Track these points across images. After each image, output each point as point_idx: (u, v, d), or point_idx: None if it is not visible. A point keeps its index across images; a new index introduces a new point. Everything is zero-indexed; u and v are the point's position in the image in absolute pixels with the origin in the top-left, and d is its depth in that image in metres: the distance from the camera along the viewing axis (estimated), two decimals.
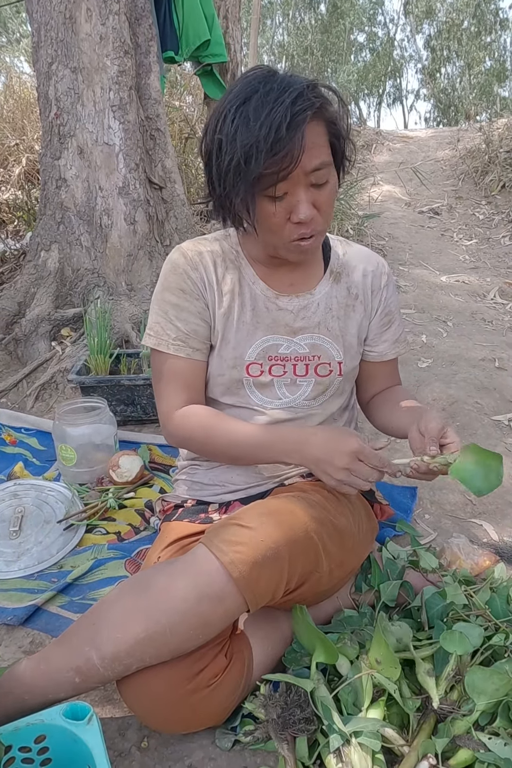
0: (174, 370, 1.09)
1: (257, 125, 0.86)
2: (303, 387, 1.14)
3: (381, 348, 1.20)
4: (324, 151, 0.93)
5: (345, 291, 1.15)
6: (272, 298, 1.11)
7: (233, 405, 1.14)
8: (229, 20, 4.06)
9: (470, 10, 21.28)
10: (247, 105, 0.88)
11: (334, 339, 1.13)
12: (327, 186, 0.95)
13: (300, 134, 0.86)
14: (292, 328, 1.11)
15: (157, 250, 2.83)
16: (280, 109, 0.85)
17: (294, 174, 0.89)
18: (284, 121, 0.85)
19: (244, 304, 1.10)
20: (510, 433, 2.05)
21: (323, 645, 0.94)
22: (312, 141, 0.89)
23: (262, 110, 0.86)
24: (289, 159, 0.87)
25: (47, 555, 1.42)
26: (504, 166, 5.31)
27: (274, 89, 0.87)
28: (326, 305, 1.13)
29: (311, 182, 0.93)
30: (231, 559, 0.86)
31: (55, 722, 0.82)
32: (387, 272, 1.20)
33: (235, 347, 1.10)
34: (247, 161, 0.88)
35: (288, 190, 0.92)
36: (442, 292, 3.51)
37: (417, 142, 7.08)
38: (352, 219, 4.26)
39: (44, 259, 2.74)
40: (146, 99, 2.84)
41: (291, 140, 0.86)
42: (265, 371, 1.11)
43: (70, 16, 2.54)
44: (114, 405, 2.05)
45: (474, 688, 0.90)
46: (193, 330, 1.08)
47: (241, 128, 0.88)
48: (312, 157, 0.90)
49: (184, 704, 0.88)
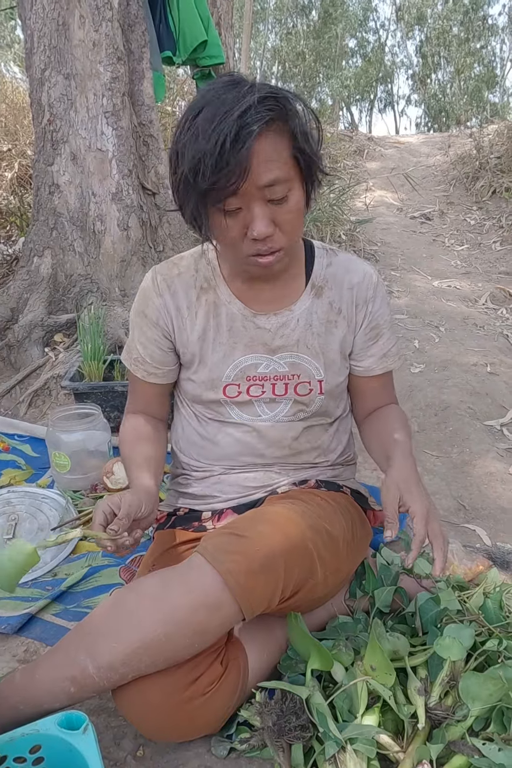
0: (134, 384, 1.19)
1: (205, 139, 0.84)
2: (282, 404, 1.12)
3: (367, 363, 1.15)
4: (282, 166, 0.88)
5: (327, 306, 1.10)
6: (250, 316, 1.08)
7: (213, 419, 1.14)
8: (222, 27, 4.08)
9: (458, 17, 21.48)
10: (200, 116, 0.86)
11: (314, 357, 1.10)
12: (287, 202, 0.90)
13: (246, 149, 0.82)
14: (271, 346, 1.08)
15: (151, 256, 2.83)
16: (227, 122, 0.82)
17: (245, 189, 0.86)
18: (229, 135, 0.81)
19: (220, 325, 1.08)
20: (503, 438, 2.07)
21: (318, 652, 0.94)
22: (266, 154, 0.85)
23: (211, 123, 0.83)
24: (236, 175, 0.84)
25: (41, 563, 1.41)
26: (495, 172, 5.37)
27: (228, 101, 0.84)
28: (306, 321, 1.09)
29: (267, 197, 0.88)
30: (227, 569, 0.86)
31: (50, 732, 0.81)
32: (375, 284, 1.13)
33: (211, 369, 1.09)
34: (194, 176, 0.86)
35: (242, 205, 0.89)
36: (434, 297, 3.54)
37: (409, 148, 7.14)
38: (345, 224, 4.29)
39: (37, 264, 2.74)
40: (139, 105, 2.85)
41: (235, 156, 0.82)
42: (243, 392, 1.09)
43: (63, 22, 2.54)
44: (108, 411, 2.04)
45: (469, 694, 0.91)
46: (149, 355, 1.12)
47: (191, 141, 0.86)
48: (264, 172, 0.86)
49: (180, 712, 0.88)
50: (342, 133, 7.48)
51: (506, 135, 5.73)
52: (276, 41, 23.63)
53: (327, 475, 1.21)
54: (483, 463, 1.90)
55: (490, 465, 1.90)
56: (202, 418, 1.16)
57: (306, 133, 0.91)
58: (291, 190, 0.91)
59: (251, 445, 1.14)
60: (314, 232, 3.86)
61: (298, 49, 22.64)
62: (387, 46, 25.47)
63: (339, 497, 1.16)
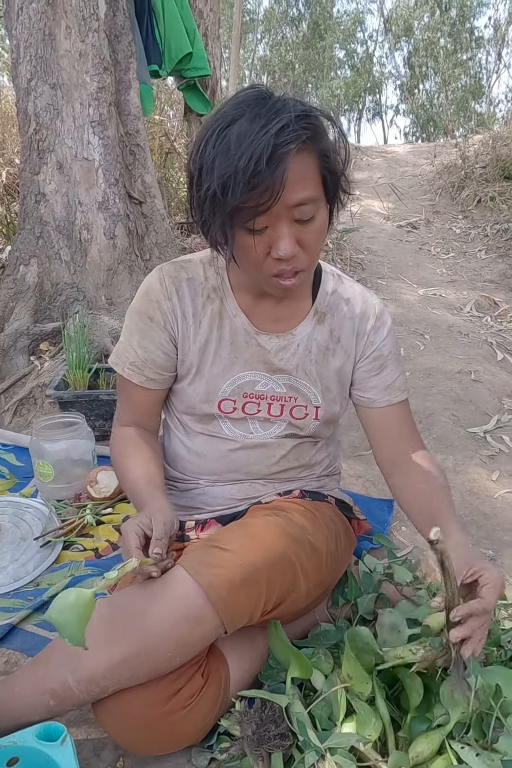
0: (127, 391, 1.11)
1: (237, 155, 0.80)
2: (275, 425, 1.11)
3: (370, 394, 1.11)
4: (312, 185, 0.86)
5: (327, 333, 1.08)
6: (252, 333, 1.06)
7: (203, 433, 1.12)
8: (209, 37, 4.11)
9: (446, 29, 21.80)
10: (230, 130, 0.82)
11: (312, 383, 1.09)
12: (313, 222, 0.88)
13: (282, 168, 0.79)
14: (271, 366, 1.07)
15: (137, 265, 2.84)
16: (263, 139, 0.78)
17: (275, 208, 0.83)
18: (265, 153, 0.78)
19: (223, 338, 1.06)
20: (486, 445, 2.09)
21: (297, 660, 0.94)
22: (297, 174, 0.82)
23: (244, 138, 0.80)
24: (269, 194, 0.81)
25: (23, 573, 1.40)
26: (480, 181, 5.43)
27: (261, 116, 0.80)
28: (306, 347, 1.07)
29: (295, 217, 0.86)
30: (209, 582, 0.86)
31: (28, 744, 0.81)
32: (378, 314, 1.10)
33: (208, 382, 1.06)
34: (224, 192, 0.82)
35: (269, 224, 0.86)
36: (420, 306, 3.57)
37: (396, 158, 7.21)
38: (331, 233, 4.31)
39: (23, 273, 2.73)
40: (126, 115, 2.86)
41: (271, 174, 0.79)
42: (238, 408, 1.08)
43: (49, 33, 2.55)
44: (92, 420, 2.04)
45: (449, 700, 0.91)
46: (151, 359, 1.06)
47: (221, 156, 0.82)
48: (295, 191, 0.83)
49: (161, 725, 0.87)
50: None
51: (491, 145, 5.81)
52: (266, 51, 23.83)
53: (312, 485, 1.20)
54: (467, 470, 1.92)
55: (474, 472, 1.91)
56: (190, 431, 1.13)
57: (335, 152, 0.89)
58: (319, 210, 0.89)
59: (239, 461, 1.12)
60: None
61: (287, 59, 22.84)
62: (376, 56, 25.77)
63: (324, 507, 1.15)
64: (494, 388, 2.48)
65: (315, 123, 0.85)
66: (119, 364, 1.09)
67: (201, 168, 0.86)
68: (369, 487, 1.83)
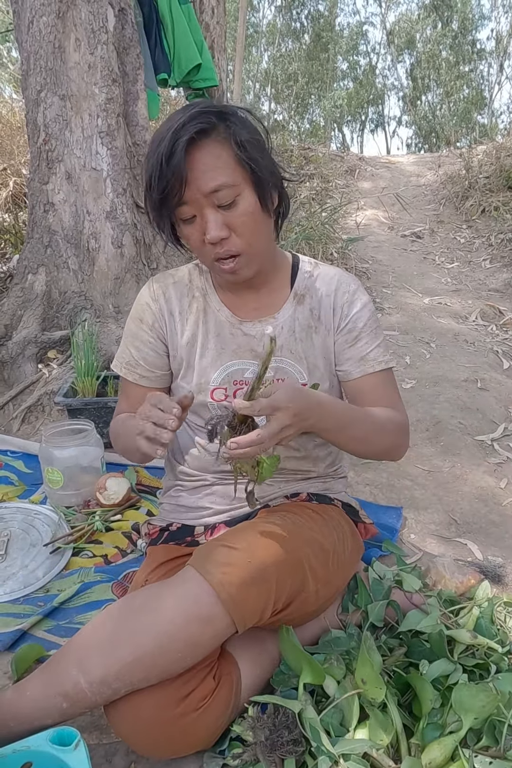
0: (124, 389, 1.22)
1: (152, 159, 0.95)
2: None
3: (345, 366, 1.15)
4: (226, 173, 0.94)
5: (308, 312, 1.14)
6: (236, 324, 1.13)
7: (202, 427, 1.15)
8: (215, 50, 4.16)
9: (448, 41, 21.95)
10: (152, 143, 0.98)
11: (298, 361, 1.13)
12: (237, 206, 0.96)
13: (179, 159, 0.92)
14: (257, 352, 1.12)
15: (144, 273, 2.85)
16: (166, 138, 0.93)
17: (192, 197, 0.95)
18: (165, 153, 0.92)
19: (208, 332, 1.13)
20: (493, 453, 2.08)
21: (310, 666, 0.94)
22: (207, 164, 0.94)
23: (156, 143, 0.95)
24: (178, 184, 0.93)
25: (33, 579, 1.41)
26: (484, 191, 5.45)
27: (168, 123, 0.95)
28: (290, 328, 1.13)
29: (215, 203, 0.96)
30: (219, 581, 0.86)
31: (42, 748, 0.81)
32: (353, 290, 1.15)
33: (199, 373, 1.13)
34: (148, 189, 0.98)
35: (195, 212, 0.97)
36: (425, 314, 3.57)
37: (400, 168, 7.24)
38: (336, 243, 4.34)
39: (31, 281, 2.75)
40: (134, 125, 2.89)
41: (173, 167, 0.92)
42: (230, 395, 1.13)
43: (59, 45, 2.58)
44: (101, 427, 2.04)
45: (461, 706, 0.91)
46: (143, 358, 1.15)
47: (145, 163, 0.99)
48: (208, 180, 0.94)
49: (173, 728, 0.87)
50: (334, 153, 7.58)
51: (494, 155, 5.83)
52: (269, 64, 24.03)
53: (319, 488, 1.22)
54: (475, 478, 1.92)
55: (481, 479, 1.91)
56: (193, 426, 1.18)
57: (250, 140, 0.96)
58: (240, 194, 0.97)
59: None
60: (306, 250, 3.91)
61: (290, 71, 23.02)
62: (378, 68, 25.94)
63: (331, 510, 1.17)
64: (500, 396, 2.48)
65: (211, 117, 0.94)
66: (117, 365, 1.20)
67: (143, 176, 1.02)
68: (377, 494, 1.83)
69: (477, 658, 1.06)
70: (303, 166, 6.34)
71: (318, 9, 22.50)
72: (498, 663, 1.05)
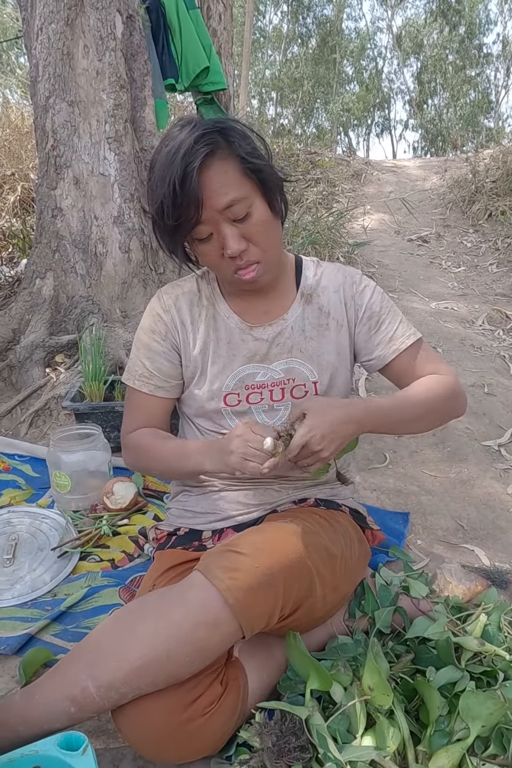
0: (138, 403, 1.19)
1: (160, 185, 0.96)
2: (281, 411, 1.16)
3: (377, 352, 1.17)
4: (235, 187, 0.96)
5: (317, 311, 1.16)
6: (247, 330, 1.14)
7: (215, 431, 1.17)
8: (222, 55, 4.18)
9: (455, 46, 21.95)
10: (155, 166, 0.98)
11: (307, 360, 1.15)
12: (251, 218, 0.99)
13: (194, 184, 0.93)
14: (268, 355, 1.15)
15: (151, 278, 2.87)
16: (174, 167, 0.93)
17: (207, 217, 0.96)
18: (178, 178, 0.93)
19: (219, 339, 1.15)
20: (500, 458, 2.08)
21: (317, 672, 0.94)
22: (217, 182, 0.95)
23: (163, 170, 0.95)
24: (194, 208, 0.95)
25: (41, 583, 1.41)
26: (491, 195, 5.45)
27: (173, 148, 0.95)
28: (299, 327, 1.15)
29: (230, 218, 0.97)
30: (226, 586, 0.86)
31: (50, 753, 0.81)
32: (359, 280, 1.19)
33: (211, 380, 1.14)
34: (160, 217, 0.98)
35: (212, 230, 0.99)
36: (432, 319, 3.57)
37: (406, 172, 7.24)
38: (343, 247, 4.34)
39: (39, 286, 2.77)
40: (141, 131, 2.91)
41: (187, 192, 0.93)
42: (242, 400, 1.14)
43: (67, 52, 2.60)
44: (108, 431, 2.05)
45: (469, 713, 0.91)
46: (157, 368, 1.16)
47: (152, 189, 0.99)
48: (220, 197, 0.95)
49: (180, 733, 0.88)
50: (340, 158, 7.59)
51: (501, 159, 5.82)
52: (275, 69, 24.09)
53: (326, 493, 1.22)
54: (482, 483, 1.91)
55: (488, 485, 1.91)
56: (204, 431, 1.19)
57: (251, 152, 0.99)
58: (252, 205, 0.99)
59: None
60: (312, 255, 3.91)
61: (296, 75, 23.08)
62: (384, 73, 25.97)
63: (338, 516, 1.17)
64: (508, 401, 2.47)
65: (215, 136, 0.96)
66: (130, 378, 1.19)
67: (148, 201, 1.02)
68: (383, 500, 1.82)
69: (485, 666, 1.05)
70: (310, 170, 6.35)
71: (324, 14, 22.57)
72: (505, 671, 1.04)
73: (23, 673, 1.09)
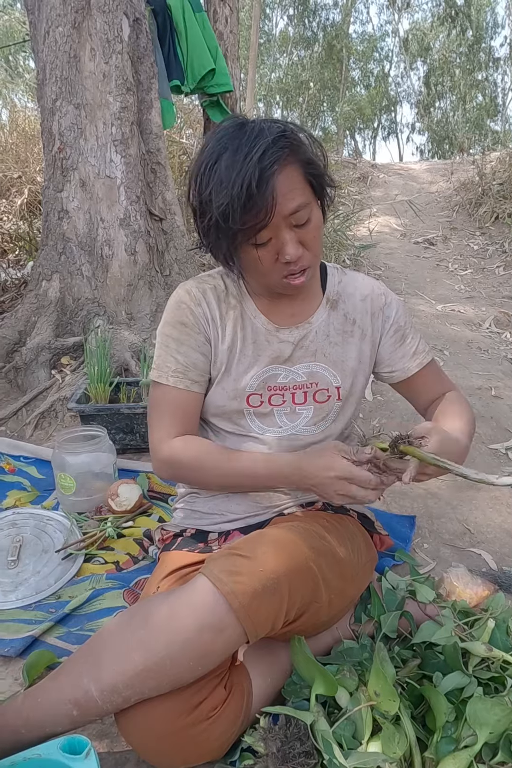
0: (171, 401, 1.12)
1: (230, 185, 0.90)
2: (303, 414, 1.15)
3: (401, 365, 1.20)
4: (301, 193, 0.96)
5: (342, 317, 1.17)
6: (273, 331, 1.13)
7: (233, 432, 1.15)
8: (229, 58, 4.18)
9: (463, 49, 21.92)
10: (219, 164, 0.93)
11: (331, 365, 1.15)
12: (310, 223, 0.98)
13: (271, 188, 0.90)
14: (291, 358, 1.14)
15: (157, 280, 2.87)
16: (249, 166, 0.89)
17: (273, 221, 0.93)
18: (253, 178, 0.89)
19: (246, 338, 1.13)
20: (508, 462, 2.06)
21: (322, 677, 0.93)
22: (286, 186, 0.93)
23: (233, 169, 0.91)
24: (264, 212, 0.92)
25: (45, 585, 1.41)
26: (497, 198, 5.42)
27: (242, 145, 0.91)
28: (324, 332, 1.15)
29: (292, 224, 0.96)
30: (231, 590, 0.86)
31: (53, 756, 0.81)
32: (384, 292, 1.20)
33: (235, 379, 1.12)
34: (225, 220, 0.93)
35: (272, 235, 0.96)
36: (438, 321, 3.55)
37: (412, 175, 7.23)
38: (349, 249, 4.33)
39: (45, 288, 2.78)
40: (147, 134, 2.91)
41: (262, 195, 0.90)
42: (265, 401, 1.13)
43: (74, 55, 2.61)
44: (113, 433, 2.05)
45: (476, 719, 0.90)
46: (192, 363, 1.11)
47: (215, 188, 0.93)
48: (288, 203, 0.93)
49: (183, 737, 0.87)
50: (347, 161, 7.59)
51: (508, 162, 5.80)
52: (281, 72, 24.13)
53: None
54: (489, 487, 1.89)
55: (495, 489, 1.89)
56: (218, 432, 1.17)
57: (314, 158, 0.99)
58: (312, 211, 0.99)
59: None
60: None
61: (302, 78, 23.11)
62: (391, 76, 25.96)
63: (346, 520, 1.16)
64: None
65: (291, 139, 0.95)
66: (162, 376, 1.11)
67: (201, 202, 0.97)
68: (390, 503, 1.81)
69: (493, 671, 1.04)
70: None
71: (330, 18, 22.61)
72: None
73: (26, 675, 1.08)
